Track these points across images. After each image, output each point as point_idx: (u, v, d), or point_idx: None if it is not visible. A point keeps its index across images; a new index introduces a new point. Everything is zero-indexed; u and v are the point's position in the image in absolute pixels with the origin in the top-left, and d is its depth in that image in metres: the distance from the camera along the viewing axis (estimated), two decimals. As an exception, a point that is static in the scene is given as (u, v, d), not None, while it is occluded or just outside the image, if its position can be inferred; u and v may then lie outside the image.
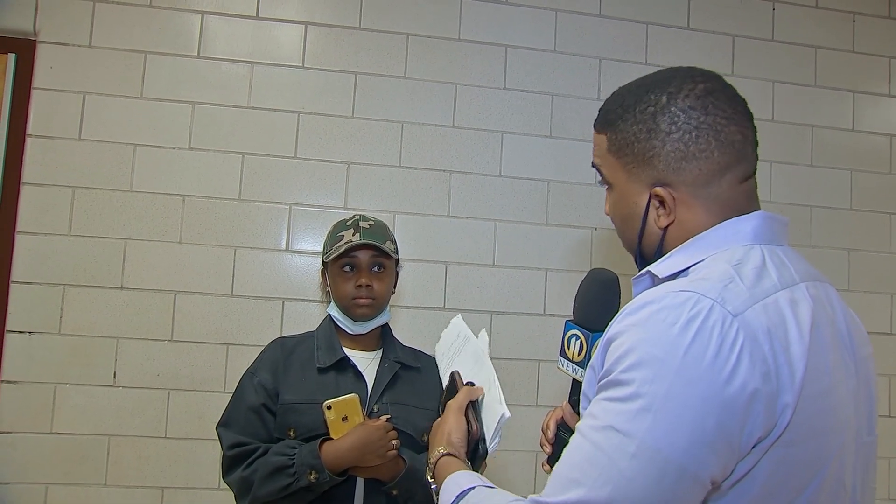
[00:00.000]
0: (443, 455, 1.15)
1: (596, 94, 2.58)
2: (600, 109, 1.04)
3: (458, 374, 1.32)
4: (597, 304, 1.23)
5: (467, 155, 2.49)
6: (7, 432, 2.20)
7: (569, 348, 1.28)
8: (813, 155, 2.71)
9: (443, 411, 1.27)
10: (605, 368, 0.84)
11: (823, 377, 0.83)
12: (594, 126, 1.04)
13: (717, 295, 0.80)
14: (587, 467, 0.78)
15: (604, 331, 1.29)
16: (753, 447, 0.79)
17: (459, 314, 1.50)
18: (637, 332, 0.81)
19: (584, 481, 0.78)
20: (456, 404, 1.22)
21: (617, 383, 0.80)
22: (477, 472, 1.10)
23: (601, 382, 0.84)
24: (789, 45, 2.72)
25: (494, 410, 1.19)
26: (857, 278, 2.69)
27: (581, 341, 1.25)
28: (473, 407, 1.23)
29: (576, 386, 1.28)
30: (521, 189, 2.52)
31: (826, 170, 2.71)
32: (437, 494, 1.08)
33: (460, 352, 1.41)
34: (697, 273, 0.88)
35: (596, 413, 0.81)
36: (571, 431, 1.28)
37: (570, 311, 2.52)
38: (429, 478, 1.15)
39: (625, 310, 0.87)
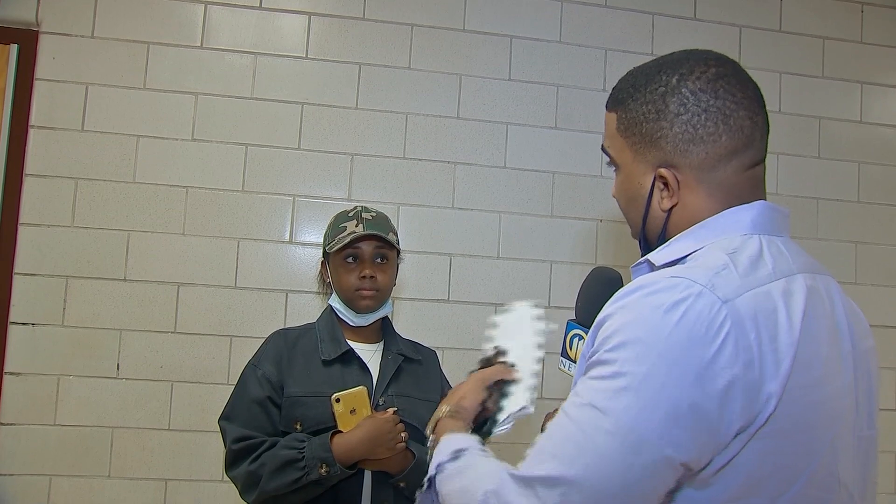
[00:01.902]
0: (447, 412, 1.15)
1: (601, 85, 2.56)
2: (613, 88, 1.03)
3: (503, 349, 1.28)
4: (601, 303, 1.22)
5: (472, 146, 2.48)
6: (11, 424, 2.20)
7: (571, 348, 1.27)
8: (820, 147, 2.69)
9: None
10: (593, 349, 0.84)
11: (814, 369, 0.82)
12: (606, 105, 1.03)
13: (707, 281, 0.80)
14: (564, 443, 0.79)
15: None
16: (735, 437, 0.78)
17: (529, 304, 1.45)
18: (625, 313, 0.82)
19: (559, 455, 0.78)
20: (482, 375, 1.21)
21: (601, 362, 0.81)
22: None
23: (588, 362, 0.84)
24: (797, 35, 2.70)
25: (518, 400, 1.17)
26: (865, 271, 2.67)
27: (584, 340, 1.24)
28: (500, 387, 1.21)
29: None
30: (526, 181, 2.50)
31: (833, 162, 2.69)
32: (433, 450, 1.07)
33: (519, 331, 1.38)
34: (694, 261, 0.88)
35: (579, 391, 0.82)
36: None
37: (575, 304, 2.51)
38: (429, 431, 1.14)
39: (617, 294, 0.87)
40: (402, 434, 1.56)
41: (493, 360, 1.27)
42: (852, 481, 0.88)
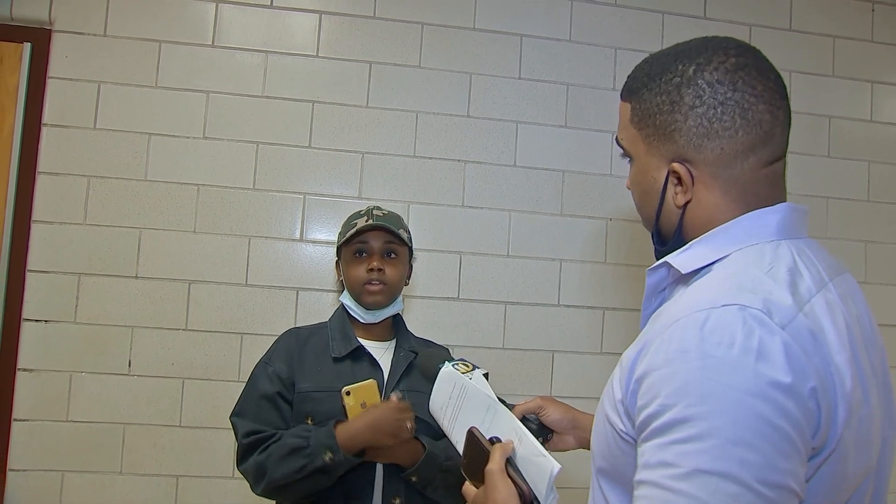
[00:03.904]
0: None
1: (611, 83, 2.56)
2: (628, 76, 0.99)
3: (477, 430, 1.15)
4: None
5: (482, 145, 2.48)
6: (24, 420, 2.21)
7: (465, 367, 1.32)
8: (830, 146, 2.68)
9: (471, 476, 1.11)
10: (657, 404, 0.75)
11: (862, 384, 0.80)
12: (620, 94, 1.00)
13: (762, 305, 0.76)
14: None
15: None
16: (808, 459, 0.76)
17: (446, 362, 1.34)
18: (691, 360, 0.74)
19: None
20: (496, 467, 1.05)
21: (683, 421, 0.72)
22: None
23: (657, 422, 0.75)
24: (807, 34, 2.70)
25: (538, 465, 1.04)
26: (874, 270, 2.66)
27: (460, 363, 1.33)
28: (511, 464, 1.07)
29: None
30: (536, 179, 2.50)
31: (843, 161, 2.69)
32: None
33: (462, 404, 1.26)
34: (726, 272, 0.83)
35: (671, 460, 0.72)
36: (539, 423, 1.30)
37: (584, 302, 2.53)
38: None
39: (658, 334, 0.80)
40: (409, 424, 1.55)
41: (478, 446, 1.12)
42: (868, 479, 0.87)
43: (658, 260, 0.96)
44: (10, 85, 2.30)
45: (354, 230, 1.70)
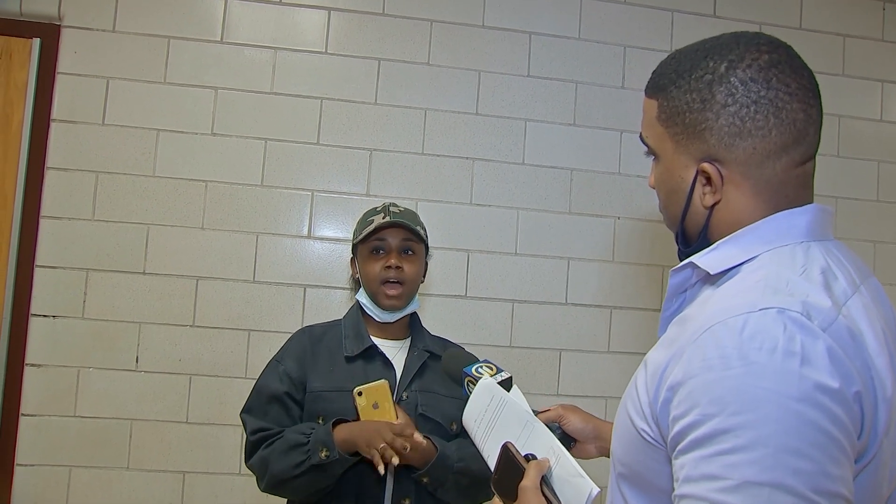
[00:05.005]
0: None
1: (620, 82, 2.55)
2: (654, 72, 0.95)
3: (512, 445, 1.11)
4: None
5: (490, 142, 2.48)
6: (32, 415, 2.22)
7: (480, 374, 1.30)
8: (839, 145, 2.67)
9: (501, 492, 1.09)
10: (696, 413, 0.72)
11: None
12: (645, 90, 0.96)
13: (801, 308, 0.73)
14: None
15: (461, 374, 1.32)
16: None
17: (487, 375, 1.31)
18: (731, 366, 0.71)
19: None
20: (531, 484, 1.02)
21: (727, 430, 0.69)
22: None
23: (696, 434, 0.72)
24: (817, 33, 2.69)
25: (576, 485, 1.02)
26: (883, 270, 2.65)
27: (484, 366, 1.32)
28: (545, 483, 1.05)
29: (506, 383, 1.30)
30: (544, 177, 2.50)
31: (853, 160, 2.68)
32: None
33: (498, 417, 1.23)
34: (758, 274, 0.81)
35: (716, 472, 0.70)
36: (562, 432, 1.30)
37: (592, 300, 2.51)
38: None
39: (690, 341, 0.77)
40: (405, 445, 1.48)
41: (513, 462, 1.09)
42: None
43: (682, 261, 0.94)
44: (19, 80, 2.30)
45: (373, 227, 1.69)
